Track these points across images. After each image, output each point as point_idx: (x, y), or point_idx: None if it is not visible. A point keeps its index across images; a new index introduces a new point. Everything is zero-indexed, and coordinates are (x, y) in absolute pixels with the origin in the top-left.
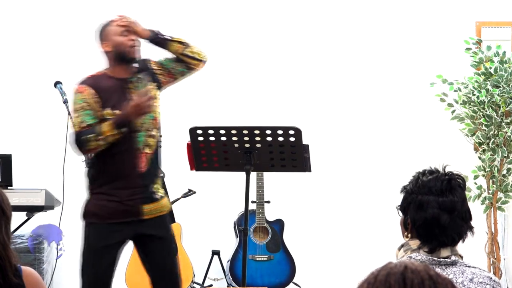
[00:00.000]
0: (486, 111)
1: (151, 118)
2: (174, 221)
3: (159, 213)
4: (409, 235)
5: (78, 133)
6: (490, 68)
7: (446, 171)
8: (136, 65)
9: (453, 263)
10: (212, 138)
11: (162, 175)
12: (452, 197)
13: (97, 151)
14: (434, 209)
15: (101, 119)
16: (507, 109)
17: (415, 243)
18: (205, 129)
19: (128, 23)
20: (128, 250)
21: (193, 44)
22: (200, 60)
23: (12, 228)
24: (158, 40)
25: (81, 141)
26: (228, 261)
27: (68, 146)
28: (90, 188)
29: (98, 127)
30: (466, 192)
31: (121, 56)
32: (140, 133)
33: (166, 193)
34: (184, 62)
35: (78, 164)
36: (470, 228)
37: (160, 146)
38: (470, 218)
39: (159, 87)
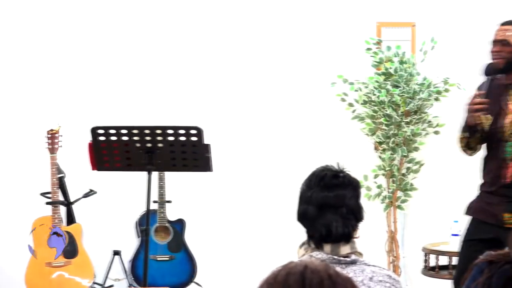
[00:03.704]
0: (386, 111)
1: None
2: (74, 221)
3: None
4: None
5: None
6: (390, 68)
7: (330, 168)
8: None
9: (353, 262)
10: (113, 138)
11: (62, 175)
12: (324, 192)
13: (464, 152)
14: (304, 204)
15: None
16: (407, 108)
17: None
18: (106, 128)
19: (500, 36)
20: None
21: None
22: None
23: None
24: None
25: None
26: (129, 261)
27: None
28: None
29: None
30: (366, 191)
31: (491, 65)
32: (509, 143)
33: None
34: None
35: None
36: (353, 226)
37: None
38: (353, 215)
39: None
